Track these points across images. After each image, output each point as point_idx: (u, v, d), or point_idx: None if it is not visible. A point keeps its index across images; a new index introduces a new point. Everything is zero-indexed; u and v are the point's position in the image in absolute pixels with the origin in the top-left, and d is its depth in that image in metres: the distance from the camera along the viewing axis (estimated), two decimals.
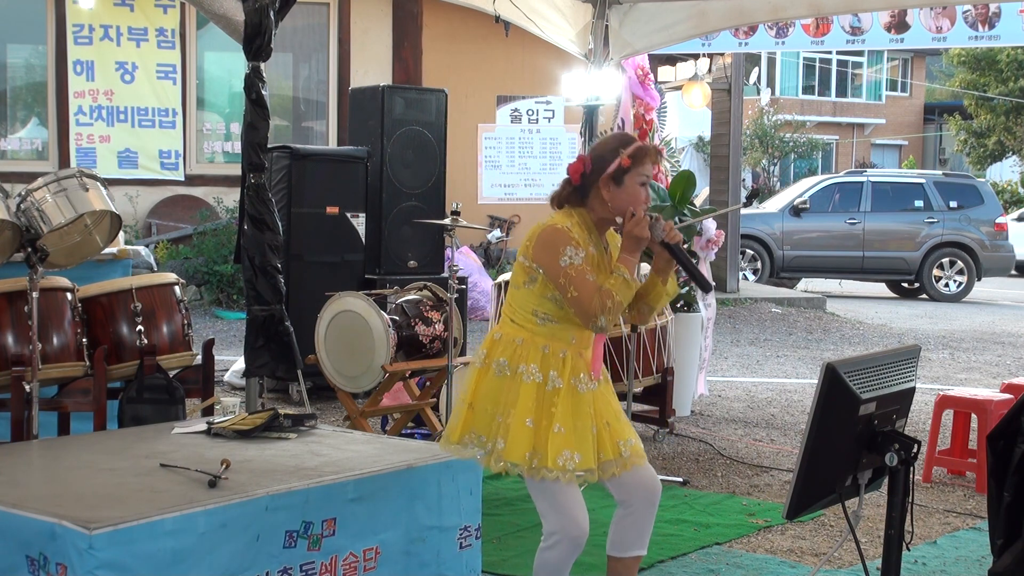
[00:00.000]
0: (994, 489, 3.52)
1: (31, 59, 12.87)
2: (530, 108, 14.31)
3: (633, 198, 3.44)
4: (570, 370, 3.44)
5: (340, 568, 3.52)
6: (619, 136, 3.67)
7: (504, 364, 3.44)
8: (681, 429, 7.07)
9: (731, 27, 10.75)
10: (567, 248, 3.37)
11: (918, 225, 16.92)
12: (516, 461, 3.36)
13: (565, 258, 3.36)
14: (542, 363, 3.43)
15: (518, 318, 3.50)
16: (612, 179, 3.44)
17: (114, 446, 4.04)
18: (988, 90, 32.11)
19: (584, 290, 3.34)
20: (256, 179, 5.47)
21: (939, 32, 11.77)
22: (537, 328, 3.46)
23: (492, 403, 3.44)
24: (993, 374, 9.82)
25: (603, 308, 3.33)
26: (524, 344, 3.44)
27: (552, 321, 3.45)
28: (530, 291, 3.46)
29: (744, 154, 26.94)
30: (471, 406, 3.47)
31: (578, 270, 3.35)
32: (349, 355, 5.92)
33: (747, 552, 4.74)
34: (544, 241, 3.40)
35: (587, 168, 3.48)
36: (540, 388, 3.41)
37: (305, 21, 13.12)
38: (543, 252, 3.40)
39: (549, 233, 3.41)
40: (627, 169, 3.43)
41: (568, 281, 3.35)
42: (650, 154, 3.49)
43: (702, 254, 7.39)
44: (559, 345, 3.45)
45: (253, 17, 5.35)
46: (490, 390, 3.45)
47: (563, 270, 3.35)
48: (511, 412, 3.39)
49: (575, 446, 3.38)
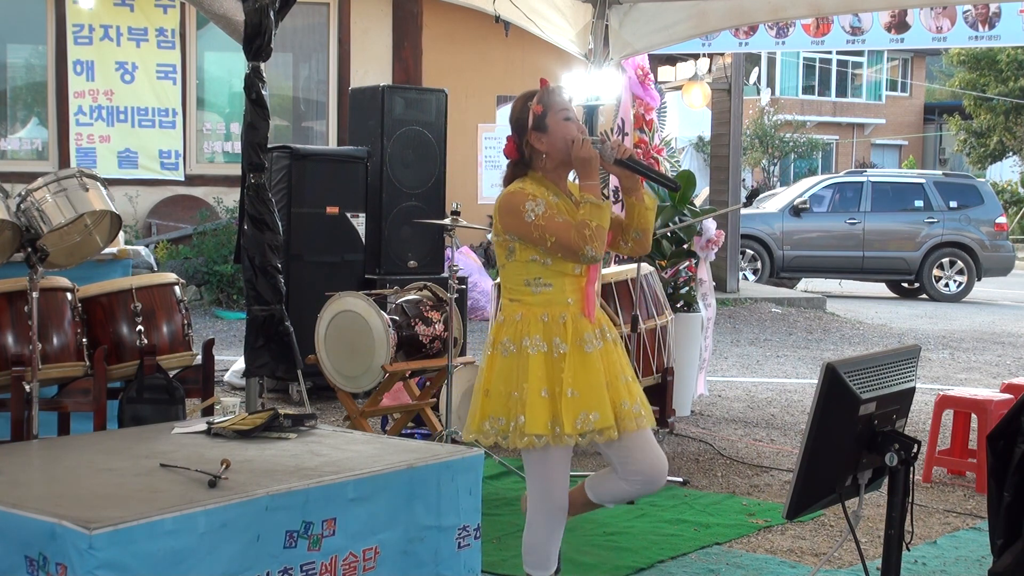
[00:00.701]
0: (994, 489, 3.52)
1: (31, 59, 12.87)
2: None
3: (563, 133, 3.56)
4: (572, 332, 3.52)
5: (340, 568, 3.52)
6: (522, 96, 3.71)
7: (508, 343, 3.54)
8: (681, 429, 7.07)
9: (731, 27, 10.75)
10: (526, 204, 3.48)
11: (918, 225, 16.92)
12: (540, 432, 3.45)
13: (528, 214, 3.46)
14: (544, 332, 3.51)
15: (515, 294, 3.59)
16: (535, 130, 3.56)
17: (114, 446, 4.03)
18: (988, 90, 32.13)
19: (559, 231, 3.45)
20: (256, 179, 5.47)
21: (939, 32, 11.76)
22: (534, 298, 3.55)
23: (504, 383, 3.53)
24: (993, 374, 9.82)
25: (584, 238, 3.43)
26: (524, 319, 3.53)
27: (545, 285, 3.55)
28: (513, 263, 3.58)
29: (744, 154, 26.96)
30: (487, 392, 3.57)
31: (545, 217, 3.46)
32: (349, 355, 5.92)
33: (747, 552, 4.74)
34: (504, 207, 3.53)
35: (515, 140, 3.62)
36: (547, 357, 3.50)
37: (305, 21, 13.12)
38: (508, 218, 3.52)
39: (505, 199, 3.55)
40: (543, 114, 3.56)
41: (540, 232, 3.46)
42: (556, 91, 3.64)
43: (702, 254, 7.39)
44: (557, 310, 3.54)
45: (253, 17, 5.35)
46: (501, 372, 3.55)
47: (532, 224, 3.46)
48: (524, 387, 3.48)
49: (591, 406, 3.47)
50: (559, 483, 3.59)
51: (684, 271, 7.60)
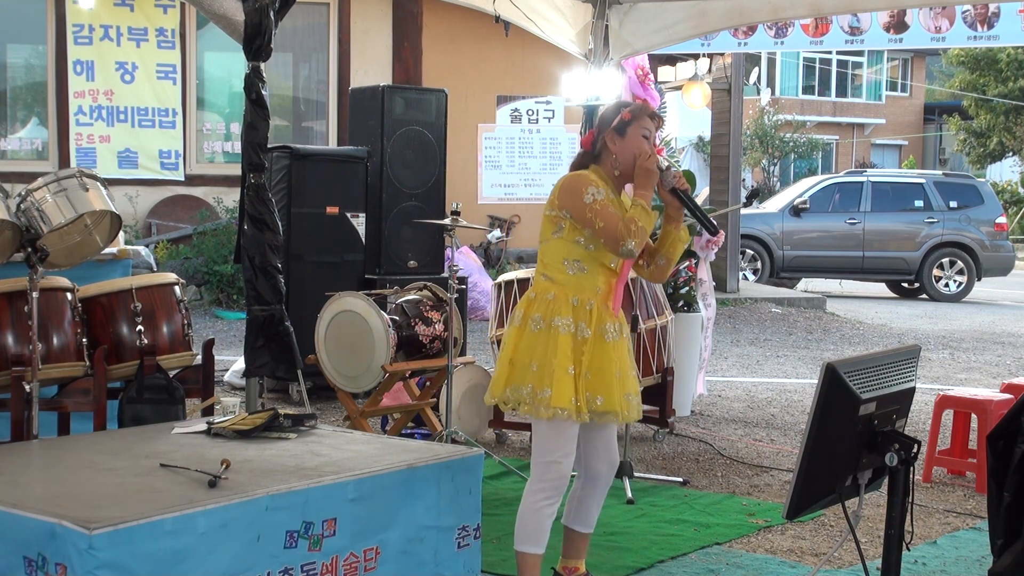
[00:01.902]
0: (994, 489, 3.52)
1: (31, 59, 12.87)
2: (530, 108, 14.31)
3: (637, 146, 3.79)
4: (596, 320, 3.76)
5: (341, 568, 3.52)
6: (617, 102, 4.08)
7: (539, 319, 3.75)
8: (681, 429, 7.07)
9: (731, 27, 10.75)
10: (589, 188, 3.72)
11: (918, 225, 16.92)
12: (564, 406, 3.68)
13: (588, 196, 3.70)
14: (574, 314, 3.74)
15: (550, 271, 3.80)
16: (616, 131, 3.81)
17: (114, 446, 4.03)
18: (988, 90, 32.12)
19: (609, 219, 3.67)
20: (256, 179, 5.47)
21: (938, 32, 11.76)
22: (568, 279, 3.76)
23: (530, 356, 3.74)
24: (993, 374, 9.82)
25: (629, 231, 3.65)
26: (556, 298, 3.75)
27: (581, 269, 3.76)
28: (559, 240, 3.77)
29: (744, 154, 26.94)
30: (512, 362, 3.77)
31: (602, 203, 3.69)
32: (349, 355, 5.92)
33: (747, 552, 4.74)
34: (567, 186, 3.76)
35: (594, 133, 3.86)
36: (574, 338, 3.73)
37: (305, 21, 13.12)
38: (568, 196, 3.74)
39: (571, 179, 3.78)
40: (628, 121, 3.81)
41: (594, 215, 3.68)
42: (649, 112, 3.87)
43: (702, 254, 7.39)
44: (587, 296, 3.76)
45: (253, 17, 5.35)
46: (528, 345, 3.75)
47: (588, 206, 3.68)
48: (553, 362, 3.69)
49: (598, 390, 3.74)
50: (566, 454, 3.78)
51: (684, 271, 7.59)
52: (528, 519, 3.81)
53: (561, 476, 3.79)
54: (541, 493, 3.80)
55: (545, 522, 3.81)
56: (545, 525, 3.82)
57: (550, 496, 3.80)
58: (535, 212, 14.08)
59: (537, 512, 3.80)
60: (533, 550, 3.83)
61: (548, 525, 3.83)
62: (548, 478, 3.78)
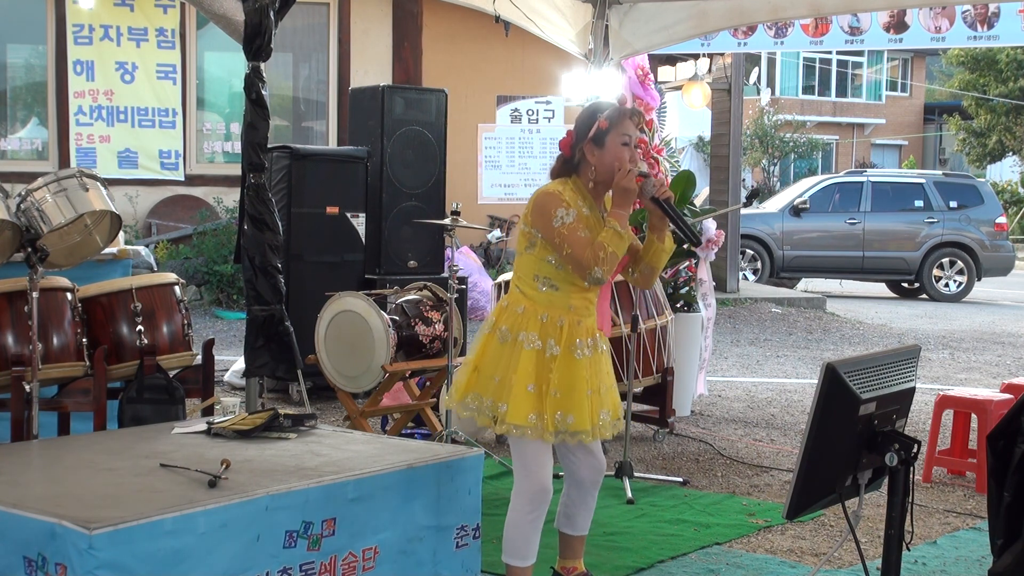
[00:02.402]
0: (994, 489, 3.52)
1: (31, 59, 12.87)
2: (530, 108, 14.31)
3: (616, 157, 3.65)
4: (567, 337, 3.65)
5: (340, 568, 3.52)
6: (593, 105, 3.87)
7: (506, 331, 3.67)
8: (681, 429, 7.07)
9: (731, 27, 10.75)
10: (558, 210, 3.59)
11: (918, 225, 16.92)
12: (519, 423, 3.60)
13: (557, 219, 3.58)
14: (541, 331, 3.65)
15: (523, 285, 3.73)
16: (593, 142, 3.67)
17: (114, 446, 4.03)
18: (988, 90, 32.12)
19: (577, 245, 3.56)
20: (256, 179, 5.47)
21: (938, 32, 11.76)
22: (538, 295, 3.68)
23: (493, 367, 3.67)
24: (993, 374, 9.82)
25: (596, 259, 3.55)
26: (525, 312, 3.67)
27: (552, 287, 3.67)
28: (531, 255, 3.70)
29: (744, 154, 26.95)
30: (476, 369, 3.71)
31: (570, 228, 3.57)
32: (349, 355, 5.92)
33: (747, 552, 4.74)
34: (538, 205, 3.65)
35: (573, 139, 3.73)
36: (540, 355, 3.64)
37: (305, 21, 13.12)
38: (538, 216, 3.64)
39: (541, 197, 3.66)
40: (606, 131, 3.66)
41: (562, 240, 3.57)
42: (627, 115, 3.70)
43: (702, 254, 7.38)
44: (557, 313, 3.67)
45: (253, 17, 5.35)
46: (494, 356, 3.69)
47: (556, 230, 3.58)
48: (512, 377, 3.63)
49: (569, 408, 3.63)
50: (541, 465, 3.69)
51: (684, 271, 7.60)
52: (512, 532, 3.72)
53: (540, 486, 3.69)
54: (520, 503, 3.71)
55: (531, 533, 3.71)
56: (531, 537, 3.72)
57: (532, 506, 3.70)
58: None
59: (521, 523, 3.70)
60: (519, 563, 3.73)
61: (534, 537, 3.73)
62: (525, 489, 3.70)
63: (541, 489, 3.70)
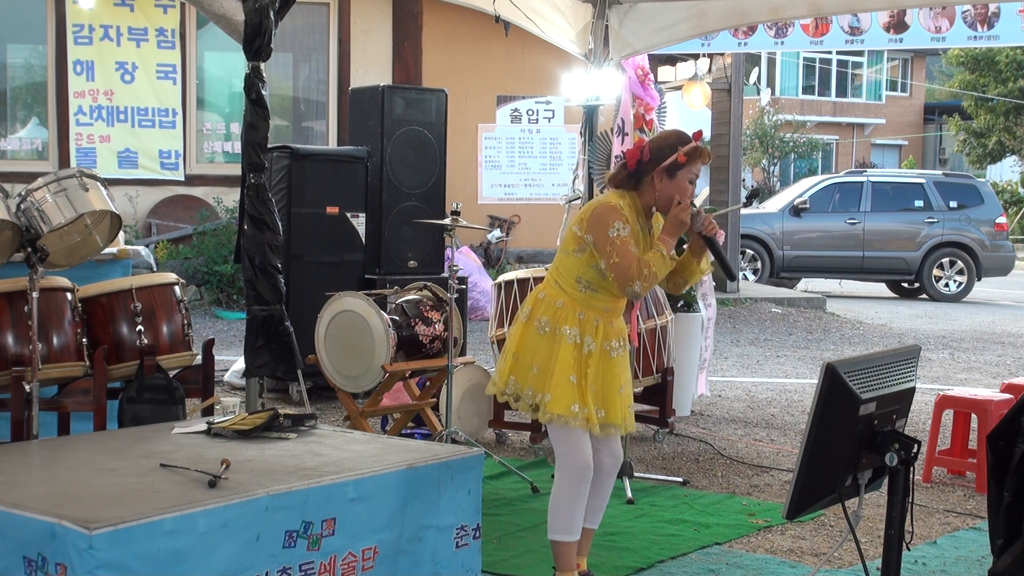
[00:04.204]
0: (994, 489, 3.52)
1: (31, 59, 12.87)
2: (530, 108, 14.31)
3: (681, 191, 3.88)
4: (602, 336, 3.89)
5: (339, 568, 3.52)
6: (678, 133, 4.01)
7: (545, 323, 3.87)
8: (681, 429, 7.07)
9: (731, 27, 10.75)
10: (616, 222, 3.80)
11: (918, 225, 16.92)
12: (561, 412, 3.81)
13: (613, 230, 3.79)
14: (580, 328, 3.86)
15: (562, 282, 3.92)
16: (667, 172, 3.87)
17: (114, 446, 4.03)
18: (987, 90, 32.11)
19: (625, 258, 3.77)
20: (256, 179, 5.46)
21: (938, 32, 11.76)
22: (578, 294, 3.88)
23: (532, 356, 3.87)
24: (993, 374, 9.82)
25: (639, 275, 3.76)
26: (564, 307, 3.87)
27: (592, 289, 3.88)
28: (578, 259, 3.89)
29: (744, 154, 26.94)
30: (515, 356, 3.92)
31: (623, 240, 3.79)
32: (349, 355, 5.92)
33: (747, 552, 4.74)
34: (598, 214, 3.84)
35: (644, 157, 3.89)
36: (578, 349, 3.85)
37: (305, 21, 13.12)
38: (595, 225, 3.83)
39: (603, 208, 3.86)
40: (682, 165, 3.87)
41: (613, 249, 3.78)
42: (703, 155, 3.91)
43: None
44: (593, 313, 3.88)
45: (253, 17, 5.34)
46: (531, 344, 3.89)
47: (611, 239, 3.79)
48: (553, 367, 3.83)
49: (603, 403, 3.89)
50: (583, 444, 3.89)
51: None
52: (559, 508, 3.92)
53: (584, 462, 3.89)
54: (566, 481, 3.90)
55: (576, 509, 3.92)
56: (577, 512, 3.93)
57: (577, 481, 3.89)
58: (535, 212, 14.09)
59: (567, 499, 3.90)
60: (565, 538, 3.94)
61: (580, 512, 3.94)
62: (570, 466, 3.89)
63: (585, 465, 3.89)
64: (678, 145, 3.88)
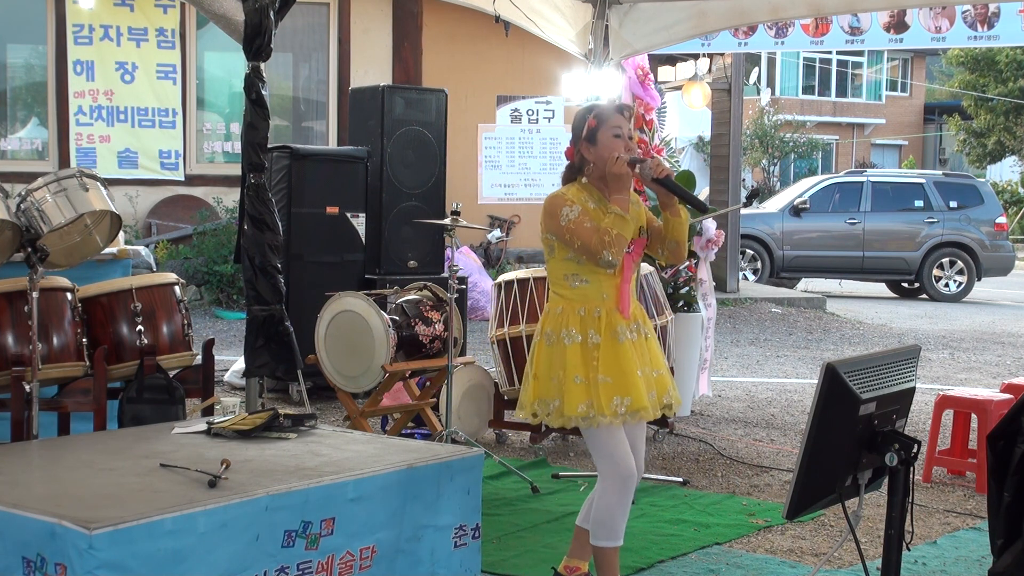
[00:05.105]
0: (994, 489, 3.52)
1: (31, 59, 12.87)
2: (530, 108, 14.31)
3: (609, 149, 3.84)
4: (606, 325, 3.84)
5: (336, 567, 3.52)
6: (585, 107, 4.05)
7: (551, 333, 3.88)
8: (681, 429, 7.07)
9: (731, 27, 10.75)
10: (563, 209, 3.81)
11: (918, 225, 16.92)
12: (573, 414, 3.79)
13: (563, 217, 3.79)
14: (580, 325, 3.83)
15: (557, 287, 3.93)
16: (587, 140, 3.89)
17: (114, 446, 4.03)
18: (987, 90, 32.12)
19: (584, 236, 3.76)
20: (256, 179, 5.47)
21: (938, 32, 11.76)
22: (573, 293, 3.87)
23: (548, 369, 3.87)
24: (993, 374, 9.82)
25: (603, 244, 3.73)
26: (564, 312, 3.87)
27: (583, 281, 3.86)
28: (554, 259, 3.90)
29: (744, 154, 26.94)
30: (536, 377, 3.90)
31: (575, 222, 3.77)
32: (349, 355, 5.92)
33: (747, 552, 4.74)
34: (547, 210, 3.88)
35: (571, 144, 3.95)
36: (583, 346, 3.82)
37: (305, 21, 13.12)
38: (548, 219, 3.86)
39: (548, 202, 3.89)
40: (596, 128, 3.87)
41: (571, 234, 3.78)
42: (615, 109, 3.92)
43: (702, 254, 7.39)
44: (593, 305, 3.85)
45: (253, 17, 5.35)
46: (545, 359, 3.89)
47: (565, 227, 3.79)
48: (562, 374, 3.82)
49: (623, 391, 3.80)
50: (623, 452, 3.83)
51: (684, 271, 7.59)
52: (605, 516, 3.87)
53: (628, 472, 3.82)
54: (611, 490, 3.85)
55: (622, 517, 3.86)
56: (622, 520, 3.87)
57: (622, 491, 3.84)
58: (535, 212, 14.01)
59: (614, 507, 3.85)
60: (612, 544, 3.89)
61: (624, 519, 3.88)
62: (614, 475, 3.84)
63: (629, 475, 3.84)
64: (586, 115, 3.91)
